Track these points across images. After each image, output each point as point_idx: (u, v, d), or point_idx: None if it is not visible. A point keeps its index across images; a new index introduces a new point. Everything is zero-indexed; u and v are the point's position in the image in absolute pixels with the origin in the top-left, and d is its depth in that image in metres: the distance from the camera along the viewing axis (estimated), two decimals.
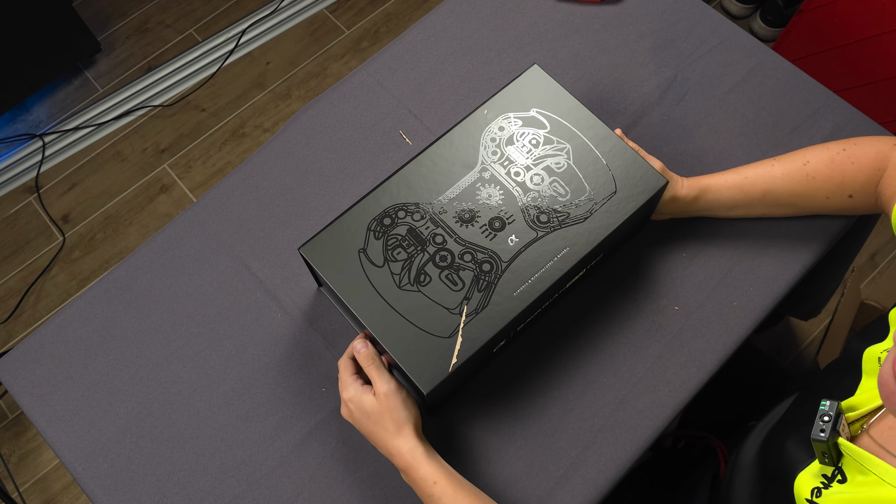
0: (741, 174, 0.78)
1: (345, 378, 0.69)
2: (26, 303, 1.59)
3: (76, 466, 0.75)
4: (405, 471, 0.67)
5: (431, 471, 0.66)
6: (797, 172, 0.75)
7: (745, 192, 0.77)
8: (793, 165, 0.76)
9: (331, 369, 0.79)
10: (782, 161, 0.77)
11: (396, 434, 0.66)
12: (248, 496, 0.74)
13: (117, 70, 1.83)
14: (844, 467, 0.54)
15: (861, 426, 0.56)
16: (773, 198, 0.77)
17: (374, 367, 0.68)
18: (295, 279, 0.83)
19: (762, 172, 0.77)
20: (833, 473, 0.54)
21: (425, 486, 0.66)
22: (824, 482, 0.54)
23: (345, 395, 0.69)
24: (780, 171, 0.76)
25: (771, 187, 0.77)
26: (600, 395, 0.77)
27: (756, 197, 0.77)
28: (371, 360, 0.68)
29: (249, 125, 1.76)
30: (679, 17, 0.97)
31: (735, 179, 0.78)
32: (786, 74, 0.93)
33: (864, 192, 0.74)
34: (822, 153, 0.75)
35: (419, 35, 0.97)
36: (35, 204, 1.69)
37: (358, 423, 0.69)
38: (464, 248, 0.71)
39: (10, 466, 1.45)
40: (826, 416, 0.54)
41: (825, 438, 0.53)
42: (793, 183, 0.76)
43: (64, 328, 0.81)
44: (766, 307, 0.80)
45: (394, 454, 0.67)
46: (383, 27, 1.87)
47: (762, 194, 0.77)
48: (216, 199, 0.87)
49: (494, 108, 0.77)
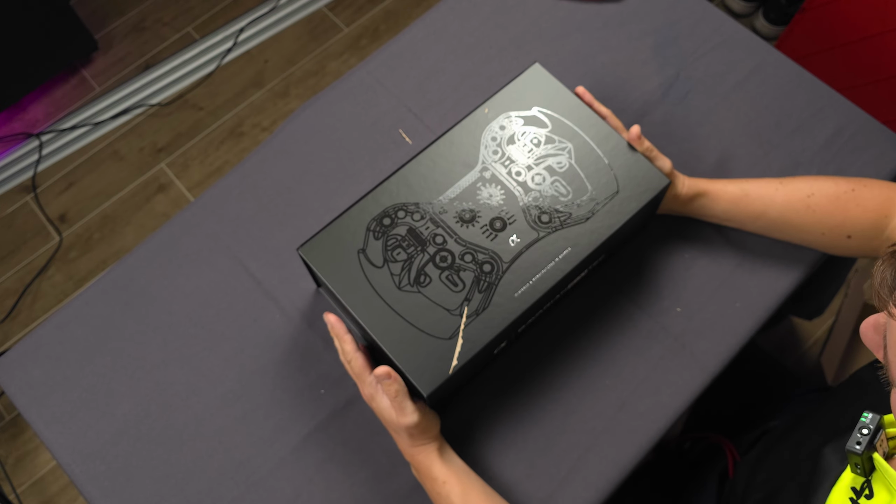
0: (742, 189, 0.76)
1: (362, 376, 0.68)
2: (23, 303, 1.58)
3: (73, 468, 0.75)
4: (415, 468, 0.67)
5: (442, 471, 0.66)
6: (799, 203, 0.74)
7: (740, 208, 0.76)
8: (796, 194, 0.74)
9: (330, 371, 0.78)
10: (786, 186, 0.75)
11: (411, 441, 0.67)
12: (247, 498, 0.73)
13: (114, 69, 1.82)
14: (874, 482, 0.53)
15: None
16: (768, 221, 0.76)
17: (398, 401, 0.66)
18: (293, 280, 0.82)
19: (763, 193, 0.75)
20: (862, 487, 0.54)
21: (434, 485, 0.66)
22: (853, 498, 0.54)
23: (364, 391, 0.68)
24: (782, 197, 0.74)
25: (768, 211, 0.75)
26: (602, 397, 0.76)
27: (751, 216, 0.76)
28: (396, 393, 0.66)
29: (247, 124, 1.75)
30: (681, 15, 0.96)
31: (734, 193, 0.76)
32: (788, 73, 0.92)
33: (863, 236, 0.72)
34: (828, 188, 0.73)
35: (419, 33, 0.96)
36: (32, 204, 1.68)
37: (376, 413, 0.69)
38: (464, 248, 0.70)
39: (7, 468, 1.44)
40: (865, 428, 0.53)
41: (860, 451, 0.52)
42: (791, 212, 0.74)
43: (61, 329, 0.81)
44: (769, 308, 0.80)
45: (405, 451, 0.67)
46: (383, 25, 1.86)
47: (757, 215, 0.76)
48: (214, 198, 0.87)
49: (495, 107, 0.76)
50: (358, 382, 0.69)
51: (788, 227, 0.75)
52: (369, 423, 0.76)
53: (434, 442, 0.68)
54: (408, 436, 0.67)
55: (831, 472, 0.59)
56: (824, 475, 0.59)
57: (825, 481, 0.59)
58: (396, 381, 0.65)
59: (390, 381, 0.64)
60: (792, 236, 0.77)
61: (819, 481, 0.59)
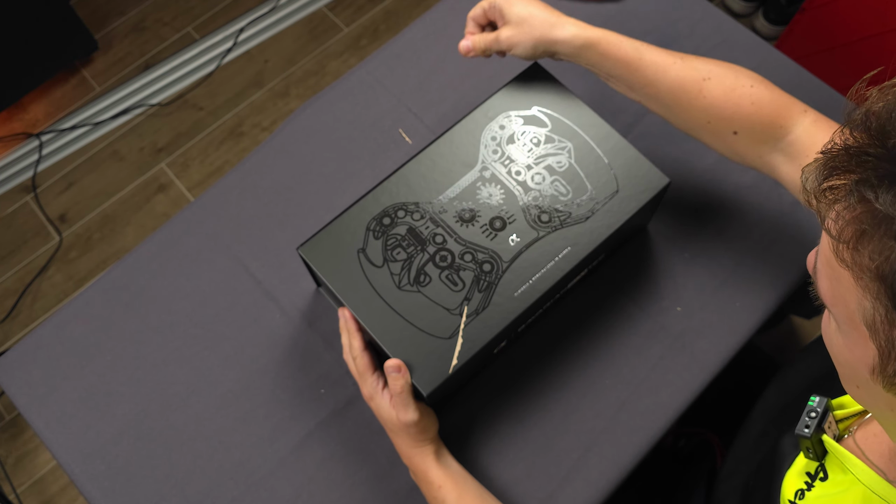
0: (638, 50, 0.70)
1: (364, 375, 0.68)
2: (23, 303, 1.58)
3: (73, 468, 0.75)
4: (412, 471, 0.67)
5: (439, 475, 0.65)
6: (692, 83, 0.69)
7: (631, 70, 0.70)
8: (692, 73, 0.69)
9: (330, 370, 0.78)
10: (685, 62, 0.70)
11: (409, 442, 0.67)
12: (246, 498, 0.73)
13: (115, 69, 1.82)
14: (827, 464, 0.54)
15: (848, 428, 0.56)
16: (656, 92, 0.70)
17: (401, 397, 0.66)
18: (293, 279, 0.82)
19: (658, 61, 0.70)
20: (816, 470, 0.54)
21: (430, 489, 0.65)
22: (808, 482, 0.54)
23: (364, 390, 0.69)
24: (676, 72, 0.69)
25: (657, 82, 0.70)
26: (602, 396, 0.76)
27: (640, 82, 0.71)
28: (402, 389, 0.65)
29: (247, 124, 1.75)
30: (681, 14, 0.96)
31: (629, 54, 0.70)
32: (788, 73, 0.92)
33: (750, 136, 0.67)
34: (726, 77, 0.69)
35: (419, 33, 0.96)
36: (32, 204, 1.68)
37: (375, 412, 0.69)
38: (464, 247, 0.70)
39: (7, 468, 1.44)
40: (813, 412, 0.54)
41: (809, 434, 0.53)
42: (681, 90, 0.69)
43: (61, 329, 0.81)
44: (769, 307, 0.80)
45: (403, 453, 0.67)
46: (382, 25, 1.86)
47: (647, 83, 0.70)
48: (214, 198, 0.87)
49: (495, 107, 0.76)
50: (359, 381, 0.69)
51: (675, 106, 0.70)
52: (369, 423, 0.76)
53: (431, 444, 0.68)
54: (406, 435, 0.66)
55: (786, 459, 0.59)
56: (780, 462, 0.59)
57: (781, 468, 0.59)
58: (405, 376, 0.64)
59: (398, 376, 0.64)
60: (677, 116, 0.71)
61: (776, 469, 0.59)
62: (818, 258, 0.42)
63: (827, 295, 0.41)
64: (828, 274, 0.40)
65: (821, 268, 0.41)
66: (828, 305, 0.42)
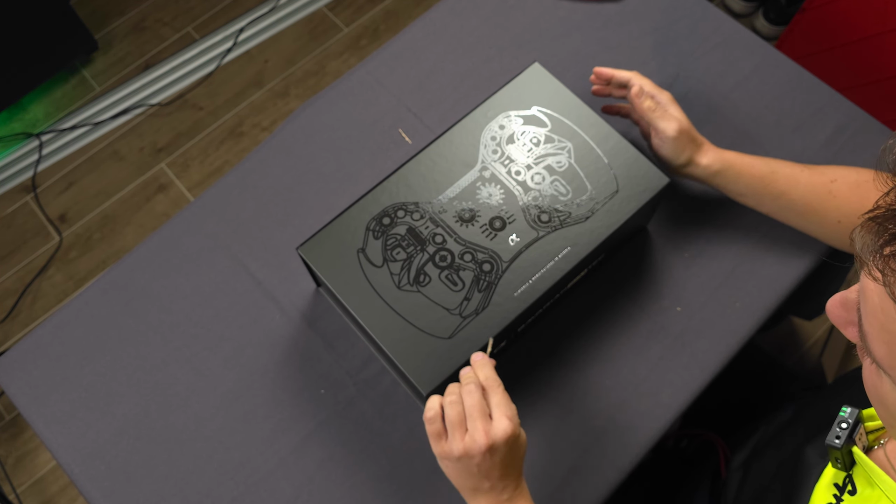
0: (769, 167, 0.75)
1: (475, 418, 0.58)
2: (23, 303, 1.58)
3: (73, 468, 0.75)
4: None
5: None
6: (822, 186, 0.73)
7: (765, 184, 0.75)
8: (820, 178, 0.74)
9: (330, 370, 0.78)
10: (811, 169, 0.75)
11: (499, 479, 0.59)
12: (246, 498, 0.73)
13: (115, 68, 1.82)
14: (855, 476, 0.53)
15: (879, 440, 0.55)
16: (789, 202, 0.75)
17: (499, 393, 0.60)
18: (293, 279, 0.82)
19: (788, 173, 0.75)
20: (844, 482, 0.54)
21: None
22: (837, 494, 0.54)
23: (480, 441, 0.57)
24: (806, 179, 0.74)
25: (791, 191, 0.75)
26: (602, 396, 0.76)
27: (773, 195, 0.75)
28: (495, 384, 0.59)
29: (247, 124, 1.75)
30: (681, 14, 0.96)
31: (761, 170, 0.75)
32: (788, 73, 0.92)
33: None
34: (849, 174, 0.73)
35: (419, 33, 0.96)
36: (32, 204, 1.68)
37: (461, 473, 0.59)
38: (464, 247, 0.70)
39: (7, 468, 1.44)
40: (844, 422, 0.53)
41: (839, 445, 0.52)
42: (813, 195, 0.74)
43: (61, 329, 0.81)
44: (769, 307, 0.80)
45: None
46: (382, 25, 1.86)
47: (779, 194, 0.75)
48: (214, 198, 0.87)
49: (495, 107, 0.76)
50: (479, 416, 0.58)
51: (808, 212, 0.75)
52: (369, 423, 0.76)
53: (522, 479, 0.60)
54: (500, 465, 0.57)
55: (813, 469, 0.58)
56: (806, 473, 0.59)
57: (807, 479, 0.58)
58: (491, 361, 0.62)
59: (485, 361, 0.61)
60: (810, 222, 0.76)
61: (801, 480, 0.59)
62: (866, 320, 0.39)
63: (885, 360, 0.39)
64: (886, 340, 0.37)
65: (873, 332, 0.38)
66: (885, 369, 0.39)
